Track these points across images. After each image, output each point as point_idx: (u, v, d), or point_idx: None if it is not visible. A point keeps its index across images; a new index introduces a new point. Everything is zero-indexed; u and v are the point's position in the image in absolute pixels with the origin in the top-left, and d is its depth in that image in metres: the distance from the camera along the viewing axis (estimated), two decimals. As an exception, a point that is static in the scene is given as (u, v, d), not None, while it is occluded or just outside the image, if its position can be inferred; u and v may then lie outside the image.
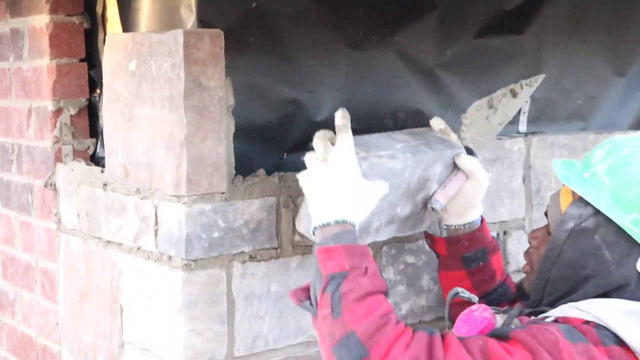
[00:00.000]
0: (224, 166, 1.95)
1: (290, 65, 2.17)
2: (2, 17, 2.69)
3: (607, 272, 1.73)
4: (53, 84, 2.44)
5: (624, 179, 1.73)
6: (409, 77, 2.33)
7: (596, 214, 1.73)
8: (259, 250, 2.02)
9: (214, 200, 1.95)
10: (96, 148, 2.47)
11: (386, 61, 2.28)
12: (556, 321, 1.71)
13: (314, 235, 1.76)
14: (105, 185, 2.21)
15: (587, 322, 1.67)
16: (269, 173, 2.07)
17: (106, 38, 2.19)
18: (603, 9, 2.62)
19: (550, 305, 1.79)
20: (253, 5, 2.08)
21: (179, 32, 1.90)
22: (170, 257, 1.97)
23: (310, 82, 2.19)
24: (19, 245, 2.75)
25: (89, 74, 2.48)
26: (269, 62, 2.12)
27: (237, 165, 2.01)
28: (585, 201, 1.75)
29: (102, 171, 2.25)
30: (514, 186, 2.46)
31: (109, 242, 2.22)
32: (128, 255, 2.13)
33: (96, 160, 2.45)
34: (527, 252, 1.95)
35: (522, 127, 2.54)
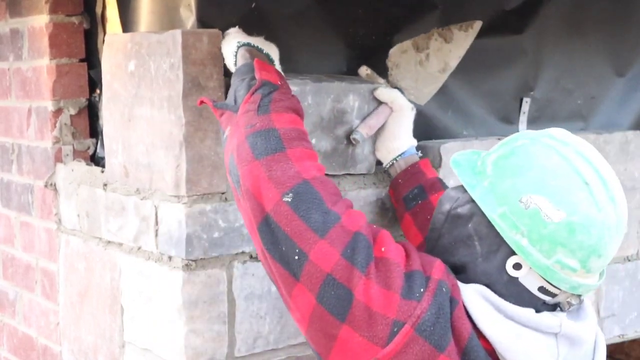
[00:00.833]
0: (224, 166, 1.95)
1: (290, 66, 2.17)
2: (2, 17, 2.69)
3: (474, 265, 1.61)
4: (53, 84, 2.44)
5: (504, 170, 1.60)
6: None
7: (473, 201, 1.61)
8: (259, 250, 2.02)
9: (213, 200, 1.95)
10: (96, 148, 2.47)
11: (386, 61, 2.28)
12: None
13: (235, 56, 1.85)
14: (105, 185, 2.21)
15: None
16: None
17: (105, 38, 2.19)
18: (603, 9, 2.62)
19: None
20: (253, 5, 2.08)
21: (177, 33, 1.90)
22: (170, 257, 1.97)
23: (310, 82, 2.19)
24: (19, 245, 2.75)
25: (88, 74, 2.48)
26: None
27: (237, 165, 2.01)
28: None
29: (102, 171, 2.25)
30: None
31: (109, 242, 2.22)
32: (128, 256, 2.13)
33: (96, 160, 2.45)
34: None
35: (522, 126, 2.54)
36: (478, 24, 2.22)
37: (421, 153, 2.12)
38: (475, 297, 1.57)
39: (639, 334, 2.68)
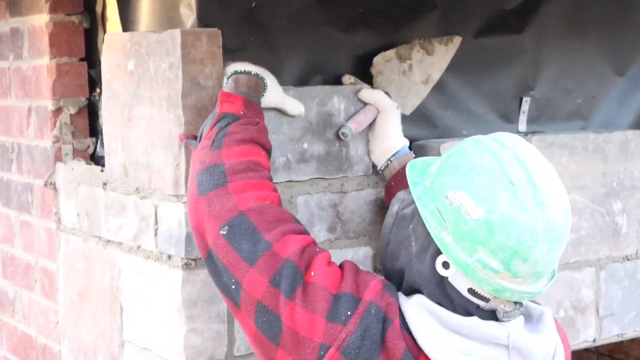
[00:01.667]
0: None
1: (290, 65, 2.17)
2: (2, 16, 2.69)
3: (410, 266, 1.60)
4: (53, 83, 2.44)
5: (443, 169, 1.59)
6: (409, 76, 2.33)
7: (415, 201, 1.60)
8: (258, 249, 2.02)
9: (213, 199, 1.95)
10: (96, 147, 2.48)
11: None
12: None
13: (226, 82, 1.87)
14: (105, 184, 2.21)
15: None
16: (268, 172, 2.07)
17: (105, 37, 2.20)
18: (603, 9, 2.61)
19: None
20: (253, 5, 2.08)
21: (176, 32, 1.90)
22: (170, 256, 1.97)
23: (310, 81, 2.20)
24: (19, 244, 2.75)
25: (88, 73, 2.48)
26: (268, 61, 2.12)
27: (236, 165, 2.01)
28: None
29: (102, 170, 2.25)
30: (513, 185, 2.46)
31: (108, 241, 2.22)
32: (128, 255, 2.13)
33: (96, 159, 2.46)
34: None
35: (522, 126, 2.54)
36: (458, 39, 2.26)
37: (414, 153, 2.12)
38: (417, 312, 1.56)
39: (638, 333, 2.67)
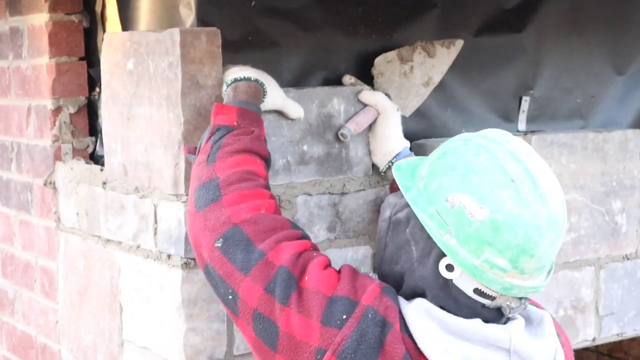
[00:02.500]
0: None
1: (289, 65, 2.17)
2: (2, 15, 2.69)
3: (412, 271, 1.59)
4: (52, 82, 2.44)
5: (435, 170, 1.58)
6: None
7: (409, 205, 1.60)
8: (257, 248, 2.02)
9: (212, 199, 1.95)
10: (95, 146, 2.48)
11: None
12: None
13: (224, 93, 1.87)
14: (104, 183, 2.21)
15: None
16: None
17: (104, 37, 2.20)
18: (602, 8, 2.61)
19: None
20: (252, 4, 2.08)
21: (175, 31, 1.90)
22: (169, 256, 1.97)
23: (309, 80, 2.20)
24: (18, 243, 2.75)
25: (88, 72, 2.48)
26: (267, 60, 2.12)
27: (236, 164, 2.01)
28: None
29: (102, 170, 2.25)
30: (513, 185, 2.46)
31: (108, 240, 2.22)
32: (127, 254, 2.13)
33: (95, 158, 2.46)
34: None
35: (522, 125, 2.54)
36: (460, 42, 2.26)
37: (414, 152, 2.12)
38: (418, 315, 1.55)
39: (638, 332, 2.67)
